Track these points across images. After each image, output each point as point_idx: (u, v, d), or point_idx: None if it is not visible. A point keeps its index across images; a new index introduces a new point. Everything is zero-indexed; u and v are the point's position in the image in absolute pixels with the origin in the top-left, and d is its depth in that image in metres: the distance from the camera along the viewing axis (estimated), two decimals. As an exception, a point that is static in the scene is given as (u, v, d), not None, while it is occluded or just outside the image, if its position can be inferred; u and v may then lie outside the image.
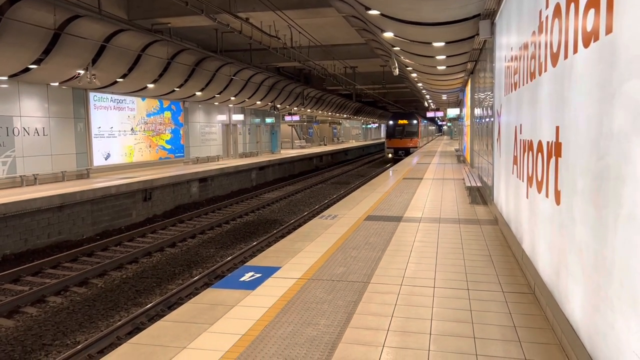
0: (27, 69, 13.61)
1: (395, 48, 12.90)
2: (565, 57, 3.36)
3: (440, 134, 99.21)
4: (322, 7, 14.24)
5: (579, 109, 3.06)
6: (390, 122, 40.59)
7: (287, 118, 39.43)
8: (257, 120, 34.41)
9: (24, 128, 15.82)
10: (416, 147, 38.44)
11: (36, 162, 16.27)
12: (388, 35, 10.76)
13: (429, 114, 45.21)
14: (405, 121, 39.65)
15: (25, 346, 7.14)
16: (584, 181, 2.92)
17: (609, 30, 2.48)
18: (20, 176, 15.45)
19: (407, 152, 38.10)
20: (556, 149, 3.65)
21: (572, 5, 3.12)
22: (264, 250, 6.72)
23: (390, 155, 39.83)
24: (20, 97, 15.68)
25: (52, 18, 12.29)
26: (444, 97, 30.59)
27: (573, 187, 3.17)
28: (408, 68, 17.68)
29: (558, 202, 3.58)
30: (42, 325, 7.87)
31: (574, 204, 3.17)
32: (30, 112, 16.06)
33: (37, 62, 13.41)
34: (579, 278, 3.06)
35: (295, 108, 34.56)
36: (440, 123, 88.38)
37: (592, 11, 2.73)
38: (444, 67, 15.07)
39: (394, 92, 44.39)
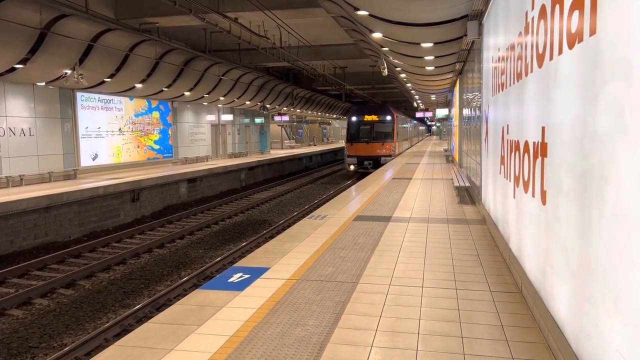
0: (12, 69, 13.45)
1: (384, 48, 12.94)
2: (551, 58, 3.39)
3: (429, 134, 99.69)
4: (311, 7, 14.24)
5: (564, 109, 3.09)
6: (353, 119, 28.15)
7: (277, 118, 39.37)
8: (247, 120, 34.33)
9: (10, 128, 15.64)
10: (390, 156, 26.82)
11: (22, 163, 16.10)
12: (377, 35, 10.79)
13: (418, 114, 43.89)
14: (374, 117, 27.81)
15: (11, 349, 7.06)
16: (569, 181, 2.94)
17: (592, 32, 2.51)
18: (6, 177, 15.27)
19: (377, 162, 26.36)
20: (542, 149, 3.68)
21: (557, 6, 3.15)
22: (253, 251, 6.70)
23: (352, 168, 27.55)
24: (5, 97, 15.50)
25: (38, 17, 12.16)
26: (433, 97, 30.74)
27: (558, 187, 3.19)
28: (397, 68, 17.74)
29: (544, 202, 3.61)
30: (29, 327, 7.78)
31: (559, 204, 3.19)
32: (16, 112, 15.88)
33: (23, 61, 13.27)
34: (564, 277, 3.08)
35: (285, 108, 34.53)
36: (429, 123, 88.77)
37: (576, 12, 2.76)
38: (432, 68, 15.14)
39: (383, 93, 44.49)
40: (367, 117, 27.93)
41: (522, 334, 3.84)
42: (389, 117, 27.79)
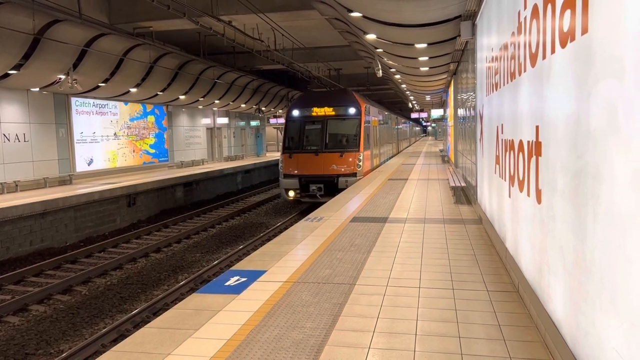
0: (6, 75, 13.41)
1: (378, 50, 12.96)
2: (544, 57, 3.40)
3: (424, 134, 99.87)
4: (304, 9, 14.26)
5: (558, 108, 3.10)
6: (294, 114, 17.58)
7: (272, 121, 39.30)
8: (242, 123, 34.31)
9: (4, 134, 15.59)
10: (355, 174, 16.57)
11: (17, 169, 16.04)
12: (371, 37, 10.81)
13: (414, 115, 43.46)
14: (326, 109, 17.25)
15: (7, 356, 7.02)
16: (564, 180, 2.95)
17: (584, 31, 2.51)
18: (1, 183, 15.20)
19: (332, 186, 16.42)
20: (536, 148, 3.69)
21: (549, 5, 3.16)
22: (249, 254, 6.69)
23: (291, 195, 17.02)
24: (-1, 103, 15.45)
25: (31, 23, 12.13)
26: (428, 98, 30.81)
27: (553, 185, 3.20)
28: (391, 69, 17.77)
29: (539, 200, 3.62)
30: (25, 334, 7.74)
31: (554, 203, 3.20)
32: (11, 118, 15.82)
33: (17, 67, 13.22)
34: (560, 276, 3.09)
35: (280, 110, 34.53)
36: (424, 124, 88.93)
37: (568, 12, 2.76)
38: (426, 69, 15.17)
39: (378, 94, 44.54)
40: (317, 111, 17.18)
41: (519, 333, 3.84)
42: (352, 110, 17.14)
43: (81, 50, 14.41)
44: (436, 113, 33.02)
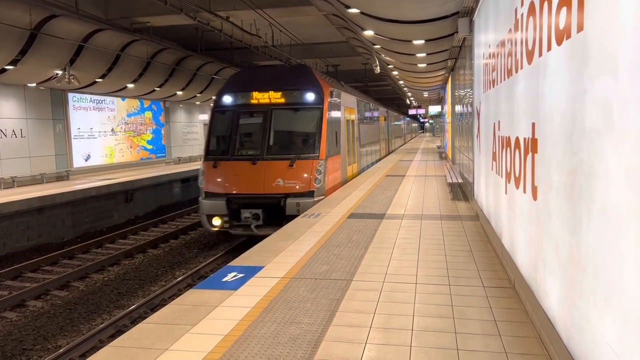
0: (3, 70, 13.38)
1: (376, 46, 12.96)
2: (540, 54, 3.41)
3: (422, 131, 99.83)
4: (302, 5, 14.24)
5: (553, 105, 3.11)
6: (225, 100, 11.72)
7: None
8: (240, 119, 34.24)
9: (1, 130, 15.55)
10: (311, 194, 10.85)
11: (14, 165, 16.00)
12: (368, 33, 10.81)
13: (411, 111, 43.34)
14: (274, 95, 11.49)
15: (5, 352, 7.03)
16: (559, 177, 2.97)
17: (580, 28, 2.53)
18: (-2, 179, 15.19)
19: (276, 212, 10.81)
20: (532, 145, 3.71)
21: (546, 3, 3.17)
22: (247, 250, 6.70)
23: (216, 224, 11.16)
24: (-4, 99, 15.40)
25: (27, 18, 12.08)
26: (426, 94, 30.81)
27: (549, 182, 3.22)
28: (389, 66, 17.77)
29: (535, 197, 3.64)
30: (23, 329, 7.75)
31: (550, 199, 3.22)
32: (7, 113, 15.78)
33: (13, 62, 13.18)
34: (556, 272, 3.11)
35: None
36: (422, 120, 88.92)
37: (564, 9, 2.78)
38: (424, 65, 15.18)
39: (376, 90, 44.52)
40: (257, 97, 11.73)
41: (515, 329, 3.86)
42: (309, 95, 11.61)
43: (78, 45, 14.37)
44: (434, 109, 33.03)
